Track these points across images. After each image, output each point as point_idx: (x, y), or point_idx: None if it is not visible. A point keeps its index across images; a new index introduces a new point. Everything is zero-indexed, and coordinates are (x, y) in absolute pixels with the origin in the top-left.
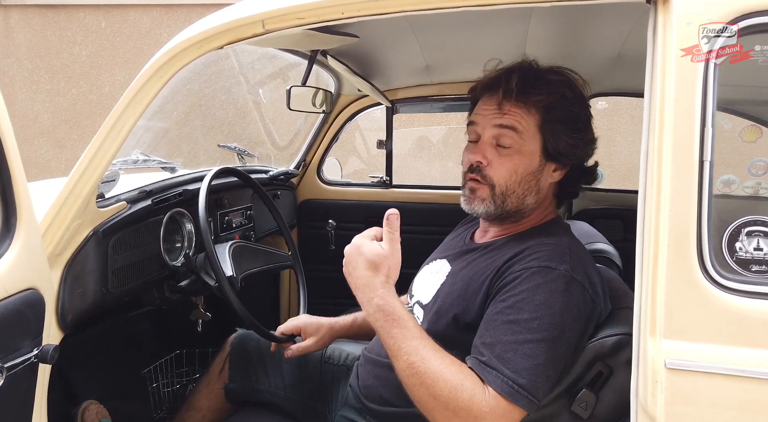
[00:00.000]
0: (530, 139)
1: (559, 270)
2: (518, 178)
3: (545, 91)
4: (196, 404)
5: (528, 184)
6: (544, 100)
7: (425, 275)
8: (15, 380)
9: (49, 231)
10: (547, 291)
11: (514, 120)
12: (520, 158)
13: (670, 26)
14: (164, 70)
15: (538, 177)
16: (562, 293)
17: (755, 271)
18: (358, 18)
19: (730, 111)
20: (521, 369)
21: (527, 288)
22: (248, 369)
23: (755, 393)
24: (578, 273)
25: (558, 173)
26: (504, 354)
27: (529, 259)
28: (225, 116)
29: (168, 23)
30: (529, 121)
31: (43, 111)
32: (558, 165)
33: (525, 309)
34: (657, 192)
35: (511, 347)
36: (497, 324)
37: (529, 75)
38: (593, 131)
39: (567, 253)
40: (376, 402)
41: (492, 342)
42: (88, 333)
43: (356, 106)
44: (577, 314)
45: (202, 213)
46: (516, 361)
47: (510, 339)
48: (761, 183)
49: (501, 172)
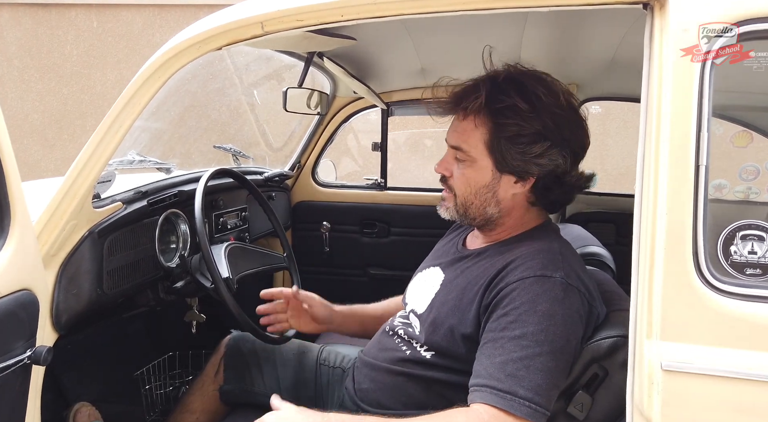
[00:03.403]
0: (479, 155)
1: (555, 278)
2: (473, 190)
3: (485, 97)
4: (189, 406)
5: (484, 196)
6: (490, 110)
7: (419, 283)
8: (8, 381)
9: (45, 231)
10: (547, 301)
11: (460, 139)
12: (472, 172)
13: (667, 30)
14: (162, 71)
15: (493, 189)
16: (562, 301)
17: (750, 274)
18: (357, 21)
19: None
20: (536, 387)
21: (527, 300)
22: (243, 371)
23: (750, 395)
24: (573, 279)
25: (520, 184)
26: (517, 372)
27: (523, 269)
28: (220, 117)
29: (160, 23)
30: (477, 138)
31: (33, 111)
32: (517, 177)
33: (529, 321)
34: (653, 195)
35: (524, 363)
36: (504, 342)
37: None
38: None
39: (559, 260)
40: (372, 405)
41: (503, 360)
42: (80, 335)
43: (351, 108)
44: (579, 319)
45: (199, 214)
46: (530, 378)
47: (520, 354)
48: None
49: (458, 184)
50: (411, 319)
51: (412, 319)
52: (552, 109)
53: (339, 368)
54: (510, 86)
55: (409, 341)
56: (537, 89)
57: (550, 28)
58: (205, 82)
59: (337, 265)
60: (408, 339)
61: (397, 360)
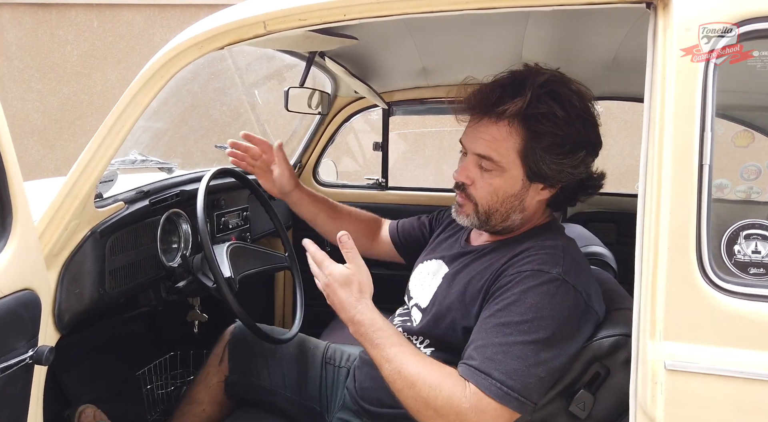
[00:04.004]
0: (510, 164)
1: (551, 274)
2: (499, 199)
3: (526, 103)
4: (195, 397)
5: (511, 204)
6: (526, 117)
7: (421, 276)
8: (9, 381)
9: (47, 231)
10: (537, 294)
11: (490, 148)
12: (501, 181)
13: (671, 29)
14: (165, 70)
15: (522, 198)
16: (553, 296)
17: (753, 274)
18: (359, 20)
19: (726, 117)
20: (511, 371)
21: (518, 292)
22: (248, 361)
23: (754, 394)
24: (571, 277)
25: (547, 191)
26: (494, 356)
27: (523, 263)
28: (221, 117)
29: (161, 23)
30: (509, 147)
31: (34, 111)
32: (546, 184)
33: (516, 311)
34: (657, 195)
35: (501, 349)
36: (489, 327)
37: (515, 86)
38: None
39: (561, 257)
40: (373, 404)
41: (483, 344)
42: (82, 334)
43: (353, 107)
44: (569, 316)
45: (201, 214)
46: (506, 363)
47: (500, 340)
48: (753, 187)
49: (482, 193)
50: (413, 314)
51: (414, 314)
52: (582, 114)
53: (344, 368)
54: (543, 90)
55: (408, 338)
56: (570, 96)
57: (551, 28)
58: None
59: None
60: (407, 336)
61: None
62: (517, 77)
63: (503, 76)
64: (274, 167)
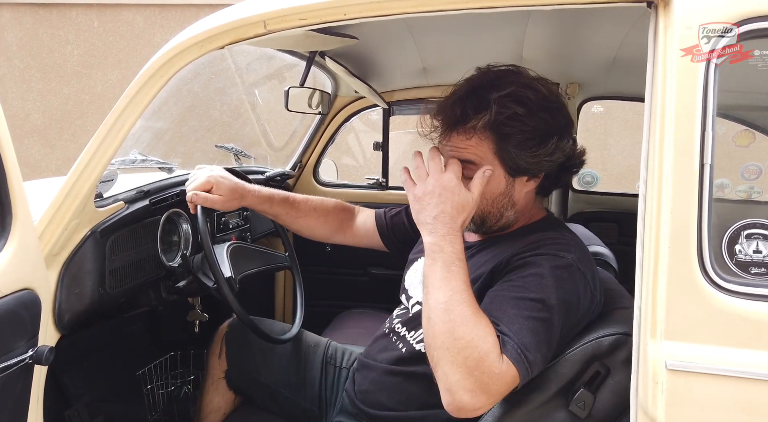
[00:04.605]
0: (490, 164)
1: (567, 259)
2: (489, 201)
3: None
4: (209, 406)
5: (501, 203)
6: (493, 125)
7: (418, 274)
8: (9, 381)
9: (47, 231)
10: (553, 277)
11: (468, 153)
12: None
13: (671, 29)
14: (165, 70)
15: (509, 194)
16: (567, 280)
17: (754, 273)
18: (359, 20)
19: (728, 117)
20: (525, 343)
21: (536, 272)
22: (246, 356)
23: (755, 394)
24: (583, 265)
25: (532, 181)
26: (511, 326)
27: (538, 249)
28: (222, 117)
29: (161, 23)
30: (484, 149)
31: (34, 110)
32: (529, 176)
33: (532, 289)
34: (658, 194)
35: (517, 320)
36: (505, 299)
37: (474, 99)
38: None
39: (571, 245)
40: (374, 407)
41: (499, 315)
42: (81, 334)
43: (353, 107)
44: (577, 303)
45: (201, 214)
46: (522, 334)
47: (516, 312)
48: (754, 187)
49: None
50: (412, 311)
51: (413, 310)
52: (544, 104)
53: (345, 369)
54: (495, 92)
55: (404, 335)
56: (527, 91)
57: (552, 28)
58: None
59: (338, 265)
60: (403, 333)
61: (394, 360)
62: (474, 85)
63: (461, 87)
64: (230, 194)
